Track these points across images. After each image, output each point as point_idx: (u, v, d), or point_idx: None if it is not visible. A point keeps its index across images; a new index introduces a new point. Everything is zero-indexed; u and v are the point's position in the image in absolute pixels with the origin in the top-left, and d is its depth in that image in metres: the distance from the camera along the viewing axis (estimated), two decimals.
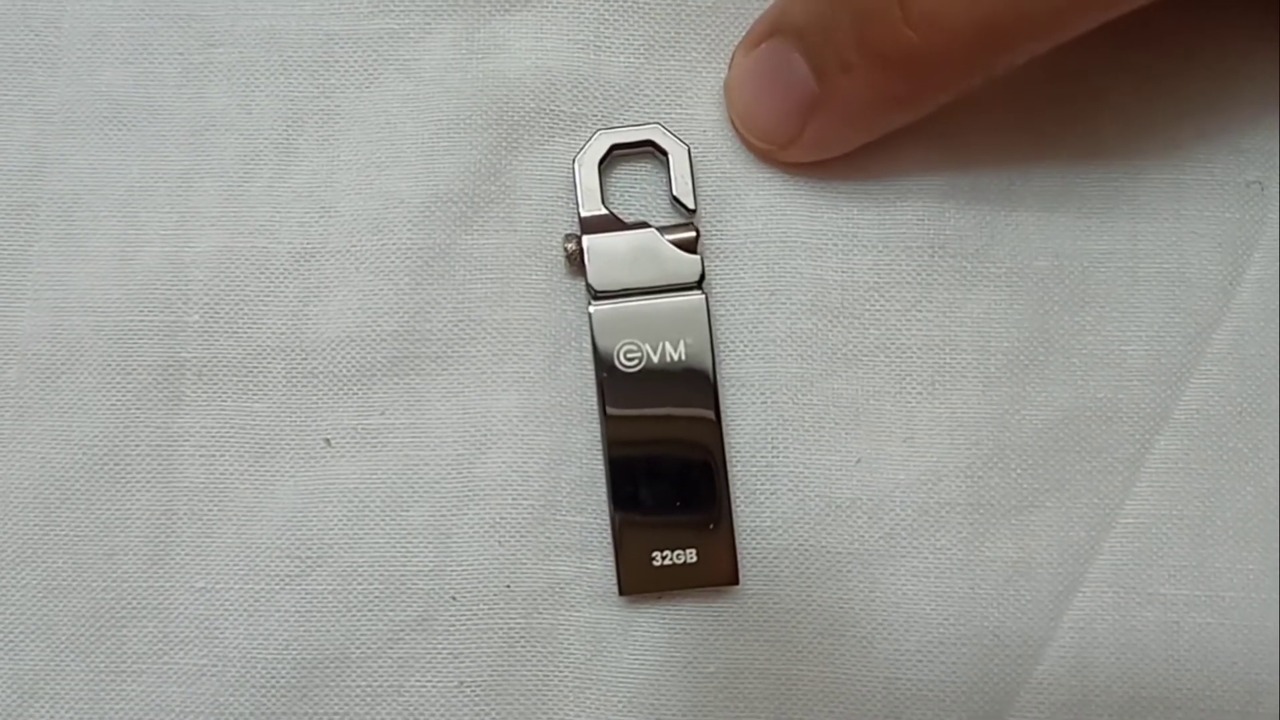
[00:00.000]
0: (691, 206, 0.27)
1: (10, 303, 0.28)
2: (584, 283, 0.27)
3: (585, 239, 0.27)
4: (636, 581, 0.27)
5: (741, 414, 0.28)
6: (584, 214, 0.27)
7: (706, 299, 0.27)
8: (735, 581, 0.27)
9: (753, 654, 0.27)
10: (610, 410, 0.27)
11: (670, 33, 0.28)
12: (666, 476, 0.27)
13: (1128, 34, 0.28)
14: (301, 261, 0.28)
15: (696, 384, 0.27)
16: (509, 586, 0.27)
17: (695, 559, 0.27)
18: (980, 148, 0.28)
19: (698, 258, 0.27)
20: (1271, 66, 0.28)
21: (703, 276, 0.27)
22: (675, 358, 0.27)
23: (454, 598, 0.27)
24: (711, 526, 0.27)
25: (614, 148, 0.28)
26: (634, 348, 0.27)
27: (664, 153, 0.28)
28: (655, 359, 0.27)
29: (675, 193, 0.28)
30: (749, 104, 0.27)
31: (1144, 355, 0.28)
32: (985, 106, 0.28)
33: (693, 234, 0.27)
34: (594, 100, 0.28)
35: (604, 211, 0.27)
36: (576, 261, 0.27)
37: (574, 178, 0.28)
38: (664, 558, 0.27)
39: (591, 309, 0.27)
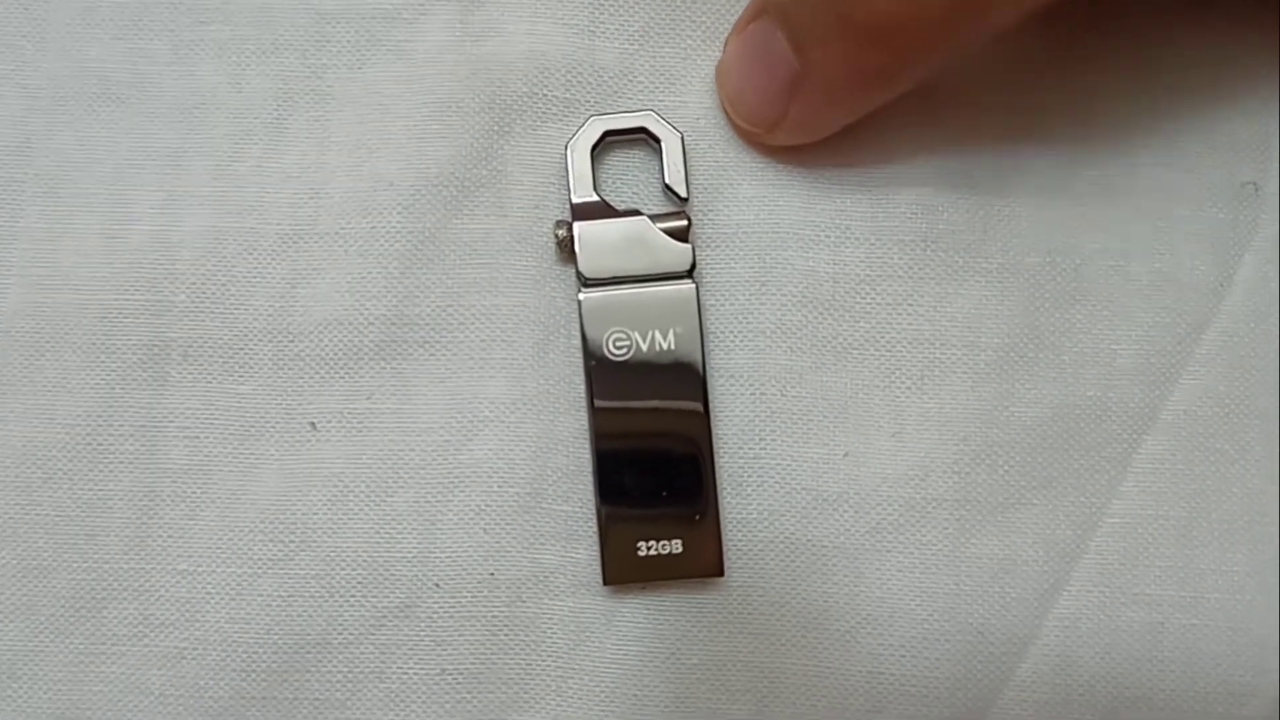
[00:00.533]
0: (684, 195, 0.27)
1: None
2: (574, 270, 0.27)
3: (576, 226, 0.27)
4: (621, 571, 0.27)
5: (729, 405, 0.27)
6: (575, 200, 0.27)
7: (697, 288, 0.27)
8: (720, 573, 0.27)
9: (736, 645, 0.27)
10: (598, 401, 0.27)
11: (665, 19, 0.28)
12: (653, 467, 0.27)
13: (1125, 31, 0.28)
14: (290, 243, 0.28)
15: (685, 374, 0.27)
16: (493, 574, 0.27)
17: (680, 550, 0.27)
18: (974, 142, 0.28)
19: (689, 247, 0.27)
20: (1270, 66, 0.28)
21: (693, 266, 0.27)
22: (664, 347, 0.27)
23: (438, 584, 0.27)
24: (697, 518, 0.27)
25: (607, 134, 0.27)
26: (623, 336, 0.27)
27: (657, 140, 0.27)
28: (644, 348, 0.27)
29: (668, 181, 0.27)
30: (737, 86, 0.27)
31: (1133, 355, 0.28)
32: (980, 100, 0.28)
33: (684, 223, 0.27)
34: (587, 86, 0.28)
35: (595, 198, 0.27)
36: (567, 248, 0.27)
37: (566, 163, 0.27)
38: (649, 548, 0.27)
39: (581, 296, 0.27)
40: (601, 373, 0.27)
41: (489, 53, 0.28)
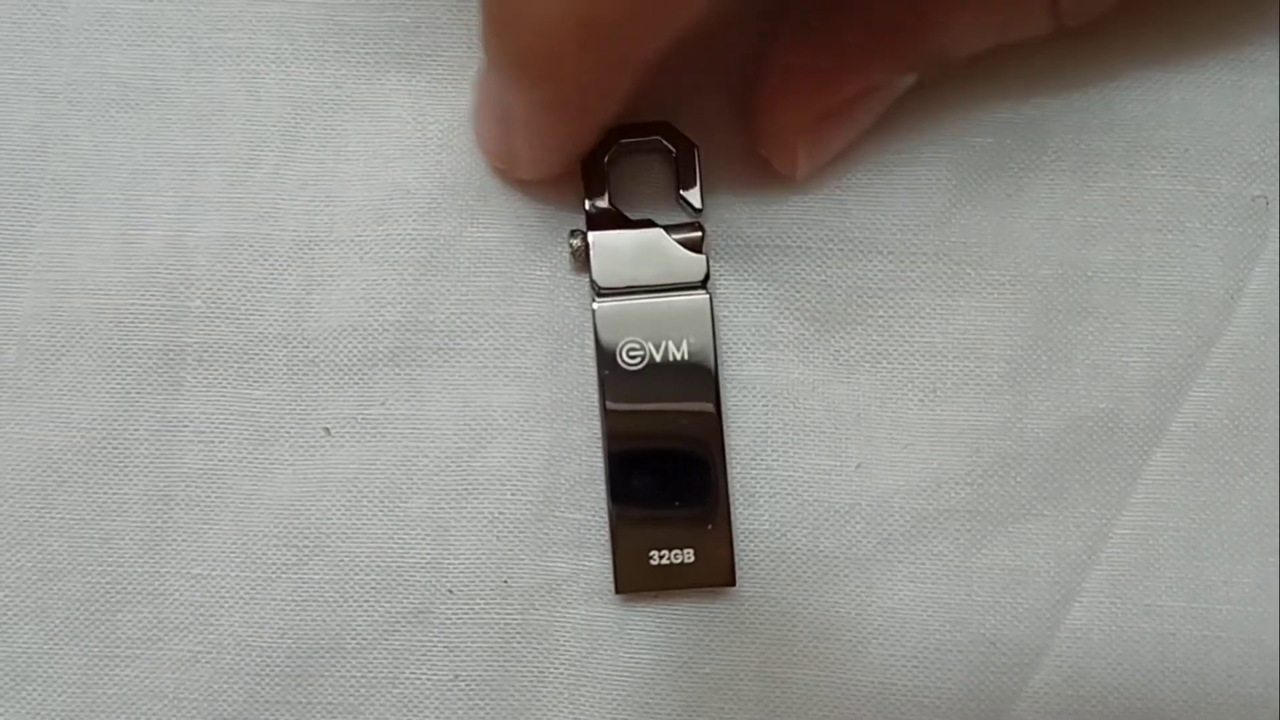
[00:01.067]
0: (698, 206, 0.27)
1: (11, 283, 0.28)
2: (588, 279, 0.27)
3: (590, 235, 0.27)
4: (633, 580, 0.27)
5: (742, 416, 0.28)
6: (590, 209, 0.27)
7: (711, 299, 0.27)
8: (732, 583, 0.27)
9: (747, 655, 0.27)
10: (610, 406, 0.27)
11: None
12: (666, 475, 0.27)
13: (1138, 45, 0.28)
14: (304, 249, 0.28)
15: (698, 384, 0.27)
16: (506, 581, 0.27)
17: (692, 559, 0.27)
18: (987, 154, 0.28)
19: (703, 257, 0.27)
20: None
21: (707, 276, 0.27)
22: (678, 357, 0.27)
23: (451, 591, 0.27)
24: (710, 527, 0.27)
25: (622, 144, 0.27)
26: (637, 345, 0.27)
27: (672, 150, 0.27)
28: (658, 357, 0.27)
29: (682, 191, 0.27)
30: (476, 121, 0.28)
31: (1144, 367, 0.28)
32: (993, 112, 0.28)
33: (698, 233, 0.27)
34: None
35: (610, 208, 0.27)
36: (581, 257, 0.27)
37: (580, 173, 0.27)
38: (661, 557, 0.27)
39: (595, 305, 0.27)
40: (615, 381, 0.27)
41: None
